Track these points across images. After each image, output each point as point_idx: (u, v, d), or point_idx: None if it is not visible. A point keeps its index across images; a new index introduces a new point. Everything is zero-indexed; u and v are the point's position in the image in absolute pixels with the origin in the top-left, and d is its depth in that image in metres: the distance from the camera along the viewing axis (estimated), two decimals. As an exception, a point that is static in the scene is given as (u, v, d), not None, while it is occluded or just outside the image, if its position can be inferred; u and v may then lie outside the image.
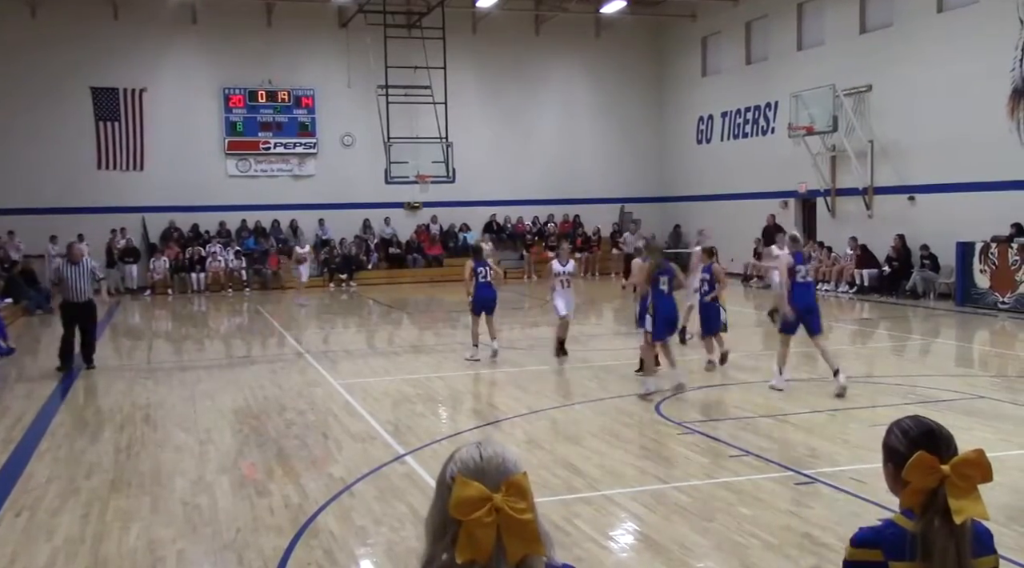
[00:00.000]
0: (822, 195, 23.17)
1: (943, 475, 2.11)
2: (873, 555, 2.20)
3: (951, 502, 2.09)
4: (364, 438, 8.76)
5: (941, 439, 2.23)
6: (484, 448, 1.84)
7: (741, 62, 26.54)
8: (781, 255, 10.97)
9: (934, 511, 2.12)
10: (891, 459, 2.31)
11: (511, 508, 1.72)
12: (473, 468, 1.78)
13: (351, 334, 17.52)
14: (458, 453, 1.84)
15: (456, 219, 28.44)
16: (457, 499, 1.72)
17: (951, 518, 2.09)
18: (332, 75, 27.25)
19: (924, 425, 2.29)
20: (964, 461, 2.12)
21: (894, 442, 2.31)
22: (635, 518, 6.37)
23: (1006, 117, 18.23)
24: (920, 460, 2.13)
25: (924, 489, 2.12)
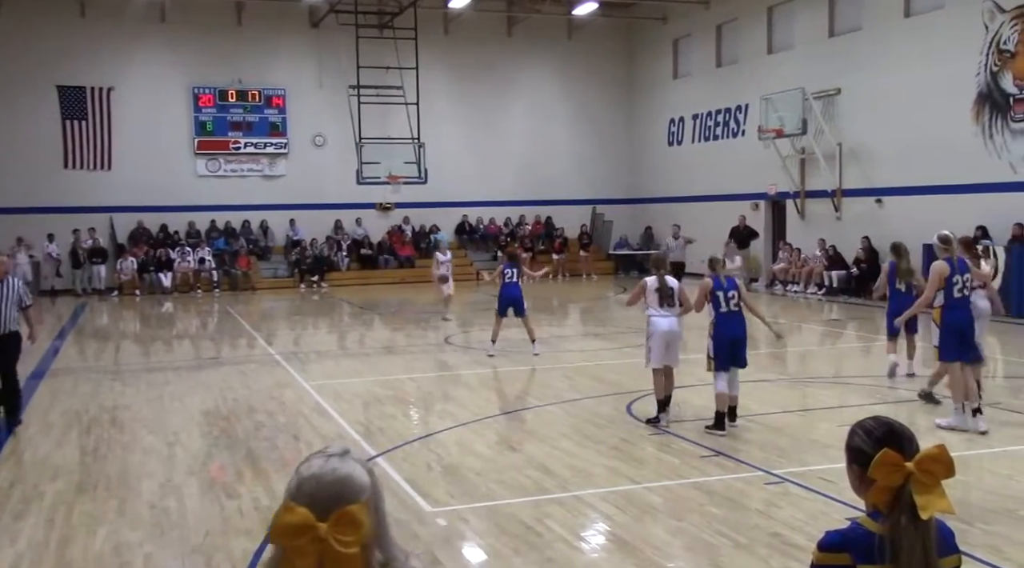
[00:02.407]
0: (791, 197, 23.38)
1: (908, 472, 2.13)
2: (841, 559, 2.19)
3: (917, 498, 2.11)
4: (334, 439, 8.71)
5: (904, 437, 2.25)
6: (331, 466, 1.73)
7: (712, 65, 26.71)
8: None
9: (900, 509, 2.14)
10: (855, 460, 2.31)
11: (336, 540, 1.63)
12: (307, 491, 1.69)
13: (322, 335, 17.43)
14: (306, 464, 1.74)
15: (428, 220, 28.38)
16: (278, 525, 1.65)
17: (918, 515, 2.11)
18: (303, 75, 27.09)
19: (886, 424, 2.31)
20: (927, 457, 2.14)
21: (858, 443, 2.31)
22: (606, 518, 6.38)
23: (971, 121, 18.49)
24: (885, 457, 2.14)
25: (890, 487, 2.14)
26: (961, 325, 8.67)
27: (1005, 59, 17.87)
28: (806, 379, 11.74)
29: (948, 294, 8.64)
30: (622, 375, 11.50)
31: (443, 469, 7.61)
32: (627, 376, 11.32)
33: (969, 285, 8.73)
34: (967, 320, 8.72)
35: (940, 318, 8.74)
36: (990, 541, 5.63)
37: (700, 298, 8.73)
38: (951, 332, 8.67)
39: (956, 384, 8.65)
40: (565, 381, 11.49)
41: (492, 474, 7.40)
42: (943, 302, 8.70)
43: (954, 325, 8.66)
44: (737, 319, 8.68)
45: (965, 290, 8.67)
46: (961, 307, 8.68)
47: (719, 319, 8.63)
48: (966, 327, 8.70)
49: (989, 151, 18.18)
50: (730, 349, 8.62)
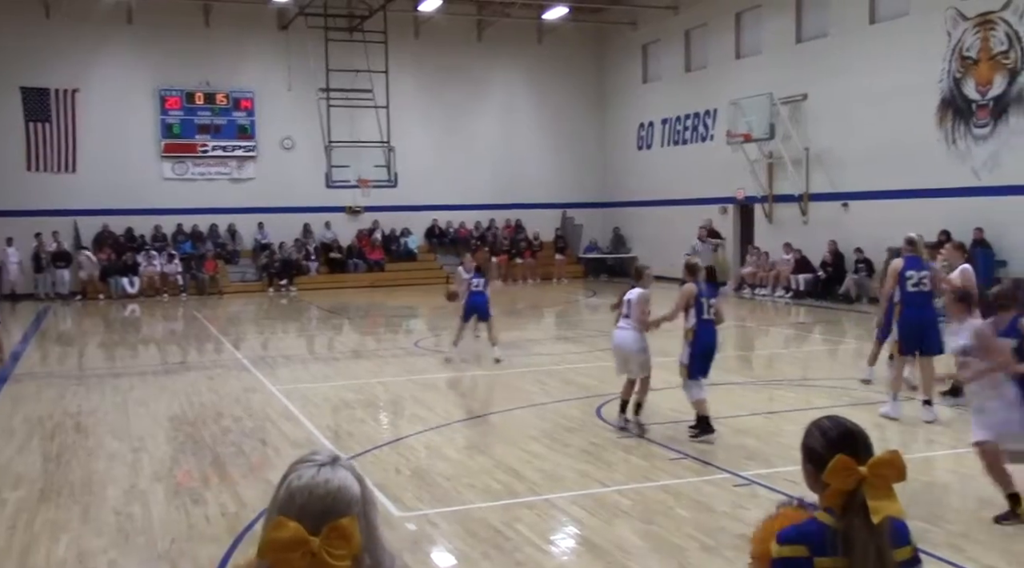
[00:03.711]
0: (759, 201, 23.59)
1: (861, 477, 2.18)
2: (799, 551, 2.25)
3: (870, 502, 2.16)
4: (303, 444, 8.65)
5: (859, 440, 2.30)
6: (323, 477, 1.70)
7: (681, 70, 26.89)
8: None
9: (853, 511, 2.19)
10: (810, 460, 2.36)
11: (328, 554, 1.62)
12: (298, 503, 1.66)
13: (290, 339, 17.31)
14: (296, 474, 1.71)
15: (398, 224, 28.29)
16: (268, 540, 1.62)
17: (870, 517, 2.16)
18: (272, 77, 26.91)
19: (842, 426, 2.35)
20: (880, 462, 2.19)
21: (813, 443, 2.36)
22: (575, 522, 6.39)
23: (935, 126, 18.77)
24: (839, 463, 2.19)
25: (843, 491, 2.19)
26: (919, 320, 9.05)
27: (967, 66, 18.16)
28: (773, 382, 11.84)
29: (903, 289, 9.08)
30: (592, 378, 11.53)
31: (412, 473, 7.58)
32: (597, 379, 11.35)
33: (926, 282, 9.09)
34: (925, 315, 9.10)
35: (899, 313, 9.16)
36: (952, 541, 5.70)
37: (680, 304, 8.40)
38: (909, 326, 9.08)
39: (898, 376, 9.20)
40: (535, 385, 11.50)
41: (462, 478, 7.38)
42: (899, 297, 9.16)
43: (912, 320, 9.07)
44: (713, 328, 8.57)
45: (921, 286, 9.04)
46: (918, 303, 9.08)
47: (700, 327, 8.38)
48: (924, 321, 9.07)
49: (952, 156, 18.46)
50: (705, 359, 8.48)
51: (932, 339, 9.10)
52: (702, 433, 8.34)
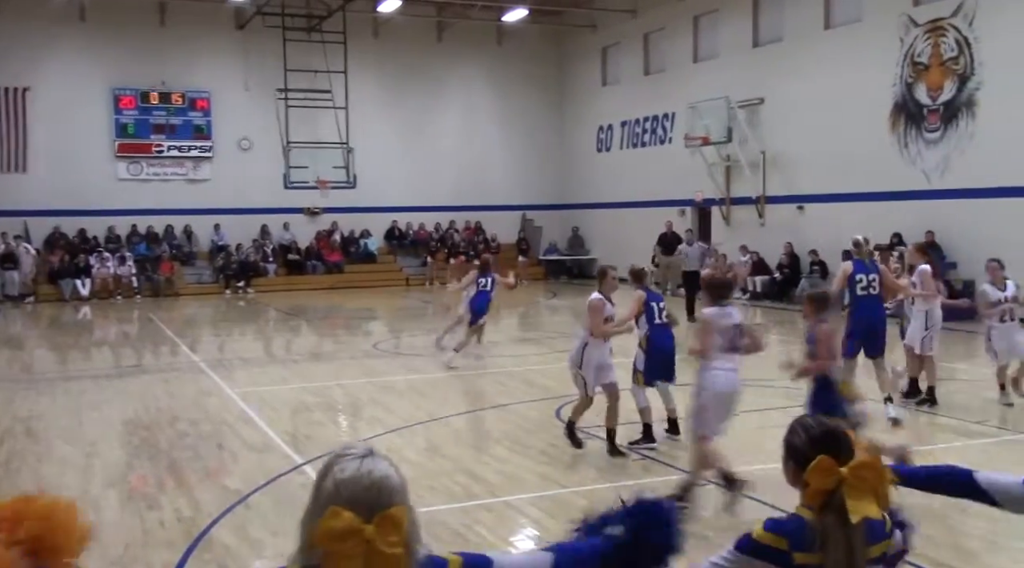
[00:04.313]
0: (717, 204, 23.82)
1: (841, 477, 2.22)
2: (779, 543, 2.30)
3: (848, 503, 2.21)
4: (261, 448, 8.57)
5: (841, 441, 2.34)
6: (366, 468, 1.75)
7: (640, 73, 27.08)
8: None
9: (831, 510, 2.24)
10: (792, 457, 2.40)
11: (383, 542, 1.65)
12: (347, 495, 1.70)
13: (248, 342, 17.13)
14: (339, 467, 1.75)
15: (357, 225, 28.13)
16: (324, 529, 1.65)
17: (847, 516, 2.21)
18: (229, 77, 26.62)
19: (825, 426, 2.40)
20: (861, 465, 2.25)
21: (796, 442, 2.40)
22: (535, 524, 6.41)
23: (887, 131, 19.11)
24: (821, 464, 2.24)
25: (823, 490, 2.24)
26: (868, 322, 9.13)
27: (919, 71, 18.52)
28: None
29: (852, 292, 9.20)
30: (552, 380, 11.55)
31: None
32: (557, 381, 11.37)
33: (875, 285, 9.16)
34: (875, 317, 9.18)
35: (848, 315, 9.31)
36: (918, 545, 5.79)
37: (632, 313, 8.23)
38: (858, 329, 9.16)
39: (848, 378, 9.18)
40: (495, 386, 11.50)
41: (421, 480, 7.35)
42: (849, 300, 9.29)
43: (861, 322, 9.15)
44: (670, 332, 8.44)
45: (871, 289, 9.14)
46: (867, 305, 9.15)
47: (654, 333, 8.27)
48: (873, 324, 9.15)
49: (904, 160, 18.81)
50: (663, 363, 8.30)
51: (878, 341, 9.19)
52: (645, 441, 8.20)
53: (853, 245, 9.48)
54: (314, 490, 1.75)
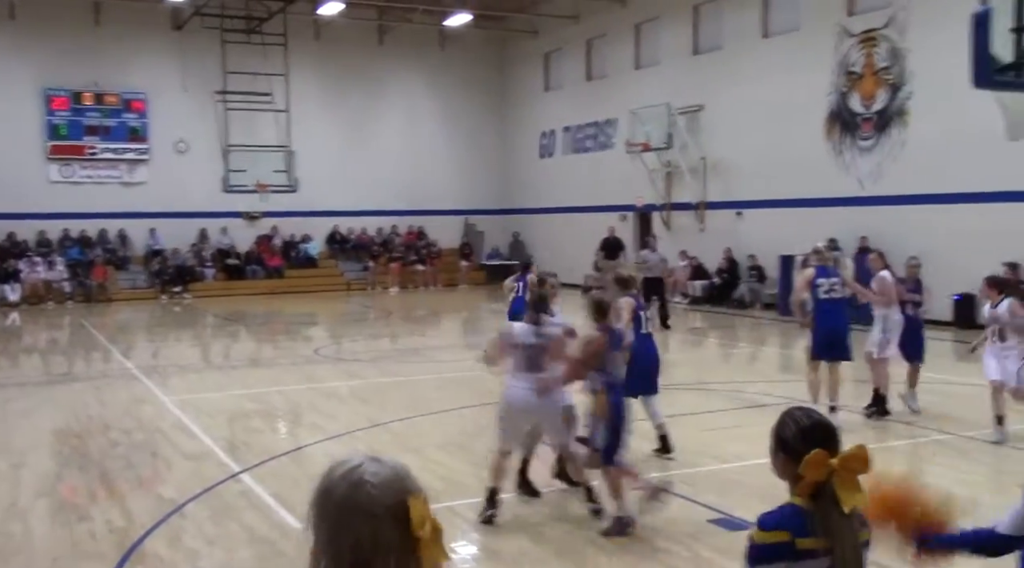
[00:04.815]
0: (658, 209, 24.06)
1: (832, 469, 2.31)
2: (781, 536, 2.35)
3: (839, 493, 2.30)
4: (197, 456, 8.39)
5: (830, 434, 2.42)
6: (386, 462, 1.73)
7: (582, 78, 27.26)
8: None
9: (825, 499, 2.32)
10: (783, 449, 2.46)
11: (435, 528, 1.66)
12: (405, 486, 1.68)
13: (184, 348, 16.79)
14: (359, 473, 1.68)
15: (298, 229, 27.80)
16: (420, 518, 1.63)
17: (840, 506, 2.30)
18: (165, 78, 26.10)
19: (815, 420, 2.47)
20: (850, 456, 2.33)
21: (787, 434, 2.45)
22: (477, 529, 6.37)
23: (823, 138, 19.51)
24: (816, 457, 2.31)
25: (816, 482, 2.32)
26: (831, 327, 9.19)
27: (853, 80, 18.95)
28: (671, 386, 12.05)
29: (815, 297, 9.29)
30: (494, 384, 11.50)
31: (312, 484, 7.42)
32: (499, 385, 11.34)
33: (837, 289, 9.28)
34: (838, 322, 9.24)
35: (812, 320, 9.37)
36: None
37: (629, 319, 7.78)
38: (821, 333, 9.24)
39: (813, 383, 9.25)
40: (438, 391, 11.44)
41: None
42: (812, 306, 9.36)
43: (824, 327, 9.22)
44: (653, 341, 8.19)
45: (833, 293, 9.22)
46: (828, 309, 9.23)
47: (638, 341, 7.86)
48: (836, 328, 9.20)
49: (839, 167, 19.22)
50: (647, 374, 7.91)
51: (842, 346, 9.21)
52: None
53: (814, 252, 9.67)
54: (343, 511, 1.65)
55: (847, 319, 9.44)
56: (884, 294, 9.74)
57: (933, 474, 7.46)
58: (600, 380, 6.28)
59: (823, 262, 9.48)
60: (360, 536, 1.62)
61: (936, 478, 6.93)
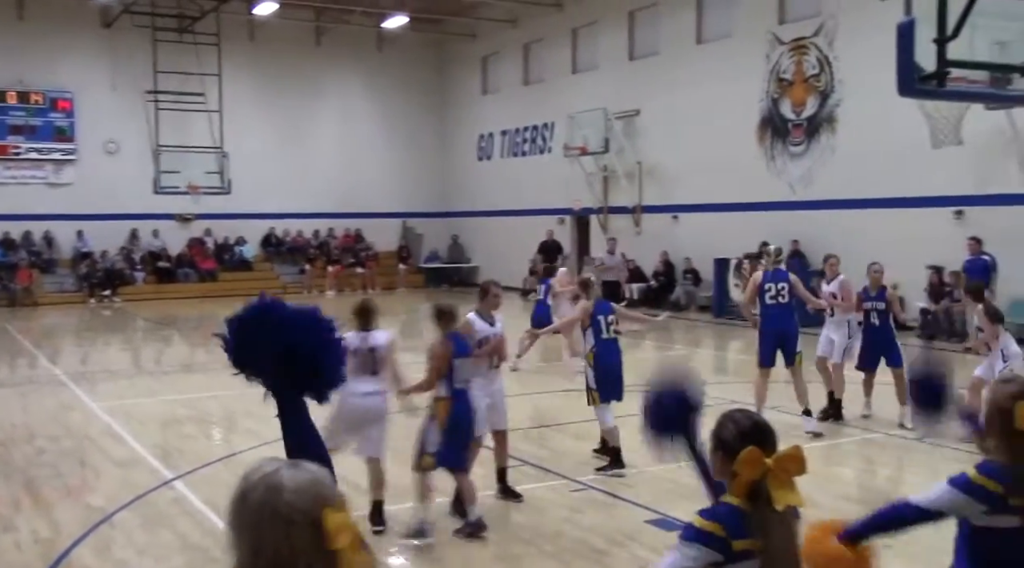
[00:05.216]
0: (595, 213, 24.26)
1: (767, 468, 2.33)
2: (717, 529, 2.38)
3: (773, 492, 2.33)
4: (127, 464, 8.20)
5: (767, 434, 2.46)
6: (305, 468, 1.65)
7: (519, 82, 27.34)
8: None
9: (759, 498, 2.35)
10: (721, 448, 2.49)
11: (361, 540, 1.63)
12: (323, 494, 1.61)
13: (113, 353, 16.38)
14: (276, 478, 1.61)
15: (232, 232, 27.34)
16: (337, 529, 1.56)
17: (774, 505, 2.32)
18: (94, 77, 25.45)
19: (752, 420, 2.51)
20: (785, 456, 2.37)
21: (726, 434, 2.49)
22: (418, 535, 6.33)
23: (756, 143, 19.89)
24: (750, 455, 2.34)
25: (751, 480, 2.34)
26: (777, 331, 9.17)
27: (784, 87, 19.36)
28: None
29: (762, 301, 9.26)
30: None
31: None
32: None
33: (784, 294, 9.24)
34: (784, 326, 9.21)
35: (759, 325, 9.35)
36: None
37: (574, 320, 7.70)
38: (767, 338, 9.24)
39: (759, 388, 9.20)
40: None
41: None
42: (759, 309, 9.32)
43: (770, 331, 9.22)
44: (617, 346, 7.98)
45: (779, 298, 9.20)
46: (776, 314, 9.20)
47: (601, 347, 7.78)
48: (782, 332, 9.17)
49: (771, 172, 19.62)
50: (612, 380, 7.78)
51: (791, 350, 9.18)
52: (612, 467, 7.66)
53: (763, 255, 9.71)
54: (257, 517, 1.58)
55: (795, 323, 9.33)
56: (846, 299, 9.70)
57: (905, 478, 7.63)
58: (446, 388, 6.32)
59: (770, 266, 9.45)
60: (278, 544, 1.56)
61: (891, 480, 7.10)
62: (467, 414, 6.32)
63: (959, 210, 16.07)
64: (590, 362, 7.85)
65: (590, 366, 7.84)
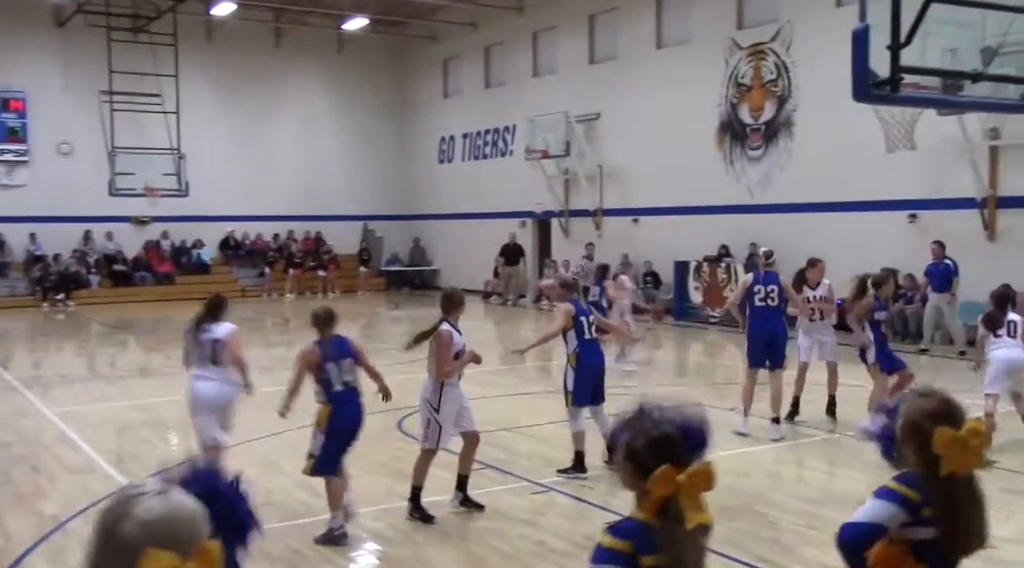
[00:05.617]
0: (557, 216, 24.33)
1: (679, 485, 2.28)
2: (626, 546, 2.31)
3: (685, 512, 2.28)
4: (82, 470, 8.07)
5: (679, 447, 2.38)
6: (176, 504, 1.58)
7: (480, 85, 27.35)
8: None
9: (670, 516, 2.29)
10: (631, 460, 2.41)
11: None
12: (162, 536, 1.53)
13: (68, 357, 16.10)
14: (142, 508, 1.56)
15: (189, 235, 27.01)
16: None
17: (684, 523, 2.28)
18: (46, 77, 25.01)
19: (662, 431, 2.42)
20: (697, 473, 2.31)
21: (636, 446, 2.41)
22: (377, 537, 6.31)
23: (715, 147, 20.09)
24: (665, 474, 2.28)
25: (662, 497, 2.28)
26: (765, 333, 9.18)
27: (742, 92, 19.58)
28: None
29: (751, 303, 9.27)
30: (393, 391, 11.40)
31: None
32: (399, 391, 11.24)
33: (774, 296, 9.23)
34: (772, 328, 9.22)
35: (747, 327, 9.37)
36: (731, 537, 6.07)
37: (560, 325, 7.72)
38: (755, 339, 9.24)
39: (746, 390, 9.22)
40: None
41: (257, 498, 7.09)
42: (748, 311, 9.32)
43: (759, 333, 9.22)
44: (598, 347, 7.94)
45: (769, 300, 9.21)
46: (764, 316, 9.21)
47: (583, 348, 7.72)
48: (771, 335, 9.18)
49: (730, 176, 19.82)
50: (594, 382, 7.78)
51: (776, 352, 9.18)
52: (574, 470, 7.64)
53: (753, 256, 9.73)
54: (103, 539, 1.55)
55: (783, 326, 9.33)
56: (831, 303, 9.71)
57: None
58: (322, 392, 6.48)
59: (760, 268, 9.47)
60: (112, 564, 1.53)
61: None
62: (344, 419, 6.44)
63: (913, 214, 16.36)
64: (572, 363, 7.80)
65: (572, 367, 7.80)
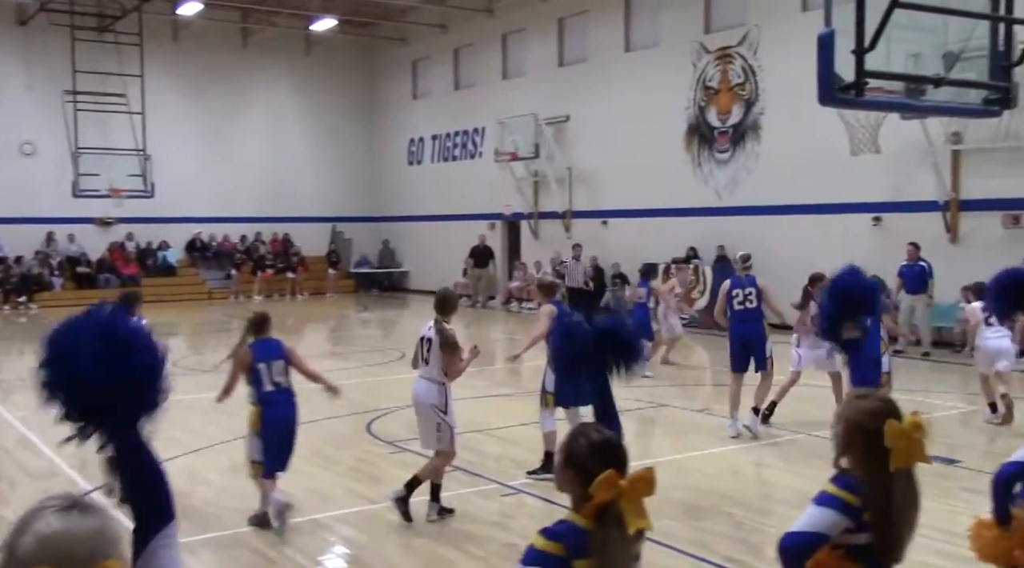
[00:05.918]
0: (526, 218, 24.36)
1: (620, 490, 2.28)
2: (557, 549, 2.30)
3: (627, 517, 2.27)
4: (44, 476, 7.94)
5: (620, 453, 2.40)
6: (74, 522, 1.54)
7: (450, 87, 27.31)
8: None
9: (609, 520, 2.28)
10: (572, 465, 2.41)
11: None
12: (55, 552, 1.49)
13: (29, 361, 15.78)
14: (42, 522, 1.53)
15: (155, 236, 26.70)
16: None
17: (624, 527, 2.27)
18: (8, 76, 24.61)
19: (606, 438, 2.45)
20: (638, 478, 2.31)
21: (577, 450, 2.42)
22: (344, 541, 6.28)
23: (683, 150, 20.22)
24: (608, 479, 2.27)
25: (603, 502, 2.27)
26: (744, 336, 9.26)
27: (710, 95, 19.72)
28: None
29: (730, 307, 9.36)
30: (362, 394, 11.38)
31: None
32: (367, 395, 11.23)
33: (752, 299, 9.31)
34: (751, 331, 9.27)
35: (728, 330, 9.46)
36: (698, 537, 6.11)
37: (545, 328, 7.62)
38: (735, 343, 9.33)
39: (733, 393, 9.26)
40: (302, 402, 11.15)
41: (225, 502, 7.05)
42: (728, 314, 9.40)
43: (738, 336, 9.31)
44: None
45: (747, 303, 9.29)
46: (742, 319, 9.29)
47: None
48: (749, 337, 9.24)
49: (698, 178, 19.95)
50: (575, 383, 7.81)
51: (757, 355, 9.22)
52: (544, 471, 7.52)
53: (732, 261, 9.79)
54: (5, 552, 1.53)
55: (762, 328, 9.35)
56: None
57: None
58: (253, 393, 6.58)
59: (738, 272, 9.56)
60: None
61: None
62: (274, 418, 6.51)
63: (877, 217, 16.56)
64: (553, 366, 7.62)
65: (551, 369, 7.67)
